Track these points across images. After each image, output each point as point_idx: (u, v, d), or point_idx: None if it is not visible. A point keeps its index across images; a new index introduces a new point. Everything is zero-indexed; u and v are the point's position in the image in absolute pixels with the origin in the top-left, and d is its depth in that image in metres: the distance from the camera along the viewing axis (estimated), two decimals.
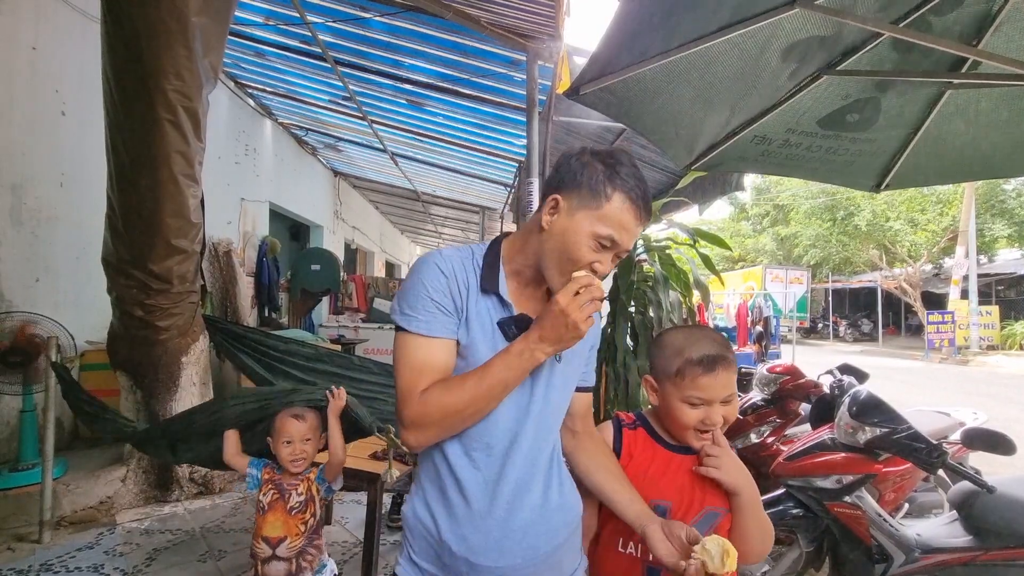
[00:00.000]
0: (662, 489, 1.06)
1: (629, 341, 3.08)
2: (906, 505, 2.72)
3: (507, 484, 0.98)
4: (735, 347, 9.36)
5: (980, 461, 2.86)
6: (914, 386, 9.63)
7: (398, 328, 0.98)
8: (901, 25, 1.79)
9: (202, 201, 2.71)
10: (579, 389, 1.12)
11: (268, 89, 5.57)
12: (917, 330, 19.69)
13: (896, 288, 19.03)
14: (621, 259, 1.00)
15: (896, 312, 22.69)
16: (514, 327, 0.98)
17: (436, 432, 0.95)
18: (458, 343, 0.97)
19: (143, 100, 2.08)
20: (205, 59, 2.15)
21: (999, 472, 2.85)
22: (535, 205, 3.19)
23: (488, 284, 0.99)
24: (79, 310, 3.47)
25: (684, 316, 2.99)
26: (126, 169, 2.28)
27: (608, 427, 1.18)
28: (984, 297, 17.15)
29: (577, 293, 0.89)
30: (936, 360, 14.17)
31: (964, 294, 15.32)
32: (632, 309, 3.11)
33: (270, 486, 1.70)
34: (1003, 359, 13.90)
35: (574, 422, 1.13)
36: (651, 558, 0.99)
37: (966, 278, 15.25)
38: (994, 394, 8.92)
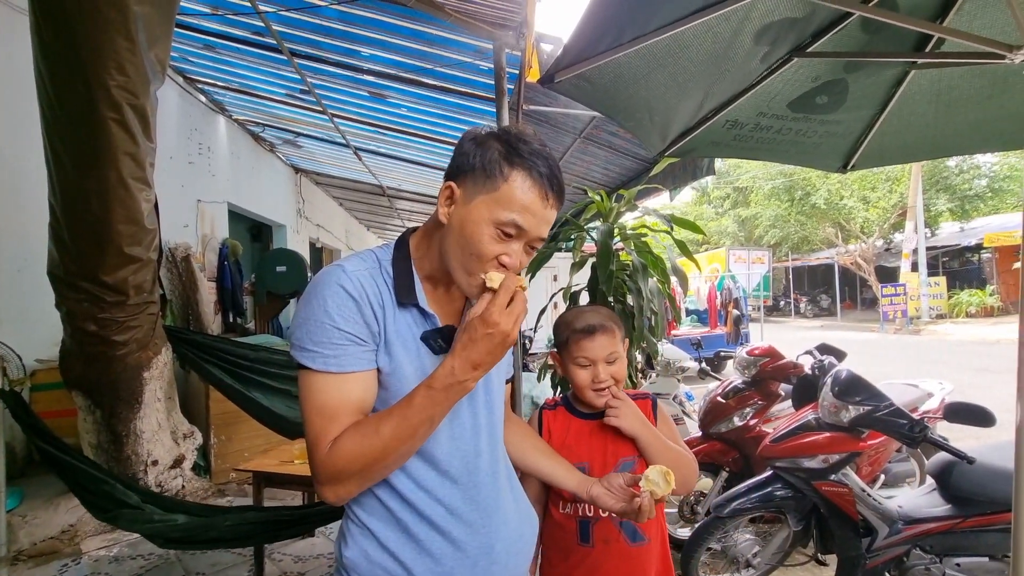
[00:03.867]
0: (578, 453, 1.22)
1: None
2: (882, 476, 2.81)
3: (479, 508, 0.91)
4: (707, 329, 9.57)
5: (944, 429, 2.98)
6: (874, 357, 10.06)
7: (300, 365, 0.83)
8: (870, 4, 1.81)
9: (156, 205, 2.53)
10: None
11: (220, 84, 5.28)
12: (872, 303, 20.59)
13: (851, 264, 19.84)
14: (536, 249, 0.88)
15: (852, 287, 23.65)
16: (440, 340, 0.88)
17: (359, 484, 0.83)
18: (379, 370, 0.86)
19: (83, 98, 1.90)
20: (151, 52, 1.98)
21: (960, 438, 2.98)
22: None
23: (404, 296, 0.87)
24: (25, 326, 3.22)
25: (664, 303, 2.99)
26: (69, 174, 2.09)
27: (535, 415, 1.35)
28: (932, 269, 18.05)
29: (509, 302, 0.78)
30: (891, 331, 14.87)
31: (914, 267, 16.09)
32: (611, 299, 3.09)
33: None
34: (951, 327, 14.69)
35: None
36: (581, 512, 1.20)
37: (915, 251, 16.01)
38: (947, 361, 9.41)
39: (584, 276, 3.16)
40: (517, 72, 3.53)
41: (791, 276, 23.54)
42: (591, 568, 1.19)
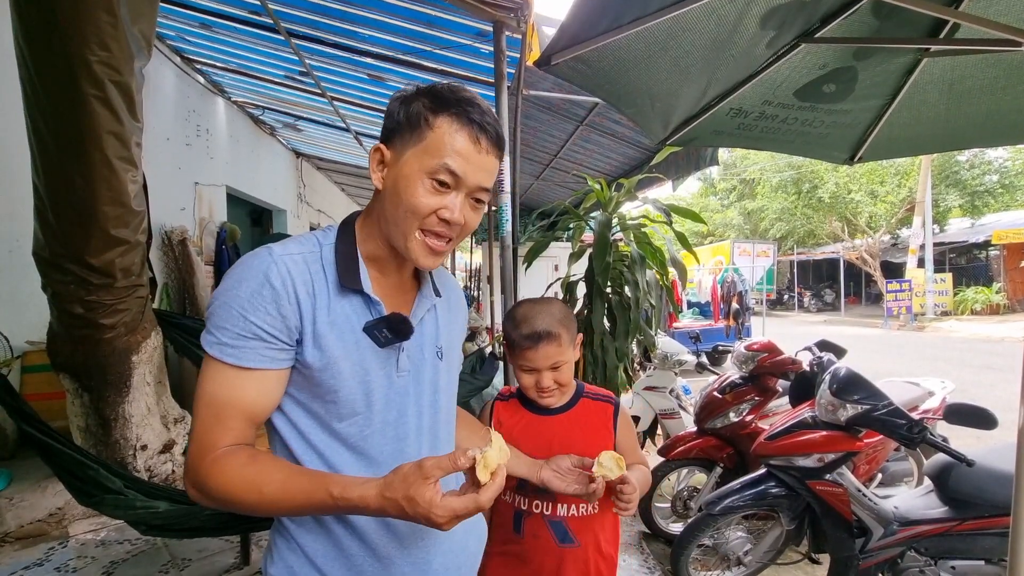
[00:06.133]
0: (526, 447, 1.20)
1: (606, 322, 3.02)
2: (879, 475, 2.77)
3: (410, 524, 0.82)
4: (708, 322, 9.50)
5: (945, 428, 2.94)
6: (876, 353, 10.00)
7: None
8: None
9: (145, 186, 2.48)
10: None
11: (219, 65, 5.20)
12: (877, 299, 20.46)
13: (857, 259, 19.67)
14: (482, 203, 0.83)
15: (857, 282, 23.50)
16: (386, 331, 0.80)
17: (222, 506, 0.75)
18: (305, 365, 0.77)
19: (64, 74, 1.84)
20: (134, 27, 1.92)
21: (961, 438, 2.94)
22: (507, 184, 3.06)
23: (348, 280, 0.80)
24: (16, 308, 3.20)
25: (661, 295, 2.94)
26: (51, 154, 2.04)
27: (488, 404, 1.35)
28: (938, 265, 17.89)
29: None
30: (895, 327, 14.77)
31: (920, 263, 15.94)
32: (608, 290, 3.04)
33: None
34: (956, 324, 14.58)
35: None
36: (516, 504, 1.21)
37: (922, 247, 15.85)
38: (950, 358, 9.34)
39: (583, 266, 3.11)
40: (518, 56, 3.45)
41: (795, 270, 23.40)
42: (519, 558, 1.22)
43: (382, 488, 0.68)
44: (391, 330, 0.81)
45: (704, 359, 3.78)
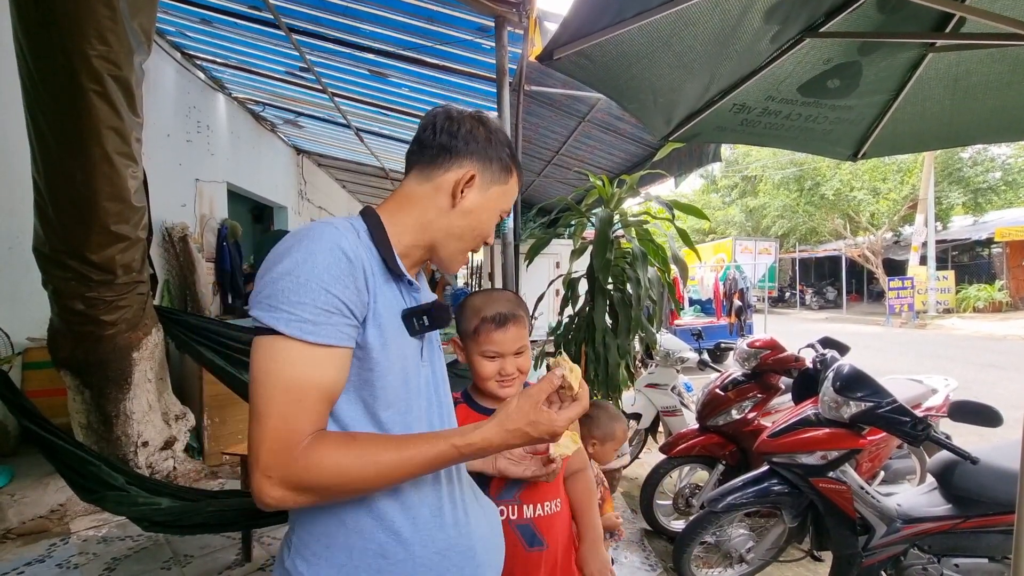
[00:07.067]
0: None
1: (608, 320, 3.02)
2: (882, 473, 2.76)
3: (456, 507, 0.85)
4: (712, 320, 9.49)
5: (948, 426, 2.93)
6: (878, 351, 9.98)
7: (264, 330, 0.70)
8: None
9: (145, 182, 2.48)
10: None
11: (219, 60, 5.19)
12: (879, 296, 20.41)
13: (859, 256, 19.62)
14: None
15: (859, 279, 23.45)
16: (426, 319, 0.82)
17: (318, 499, 0.72)
18: (364, 346, 0.76)
19: (63, 69, 1.84)
20: (134, 21, 1.92)
21: (964, 435, 2.93)
22: None
23: (395, 266, 0.81)
24: (17, 305, 3.20)
25: (663, 292, 2.93)
26: (51, 149, 2.03)
27: None
28: (940, 263, 17.83)
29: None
30: (897, 325, 14.74)
31: (923, 260, 15.90)
32: (610, 287, 3.03)
33: None
34: (958, 321, 14.55)
35: None
36: (516, 516, 1.17)
37: (925, 244, 15.81)
38: (952, 356, 9.32)
39: (585, 263, 3.11)
40: (520, 51, 3.43)
41: (797, 267, 23.35)
42: None
43: (501, 423, 0.76)
44: (431, 319, 0.83)
45: (706, 356, 3.77)
